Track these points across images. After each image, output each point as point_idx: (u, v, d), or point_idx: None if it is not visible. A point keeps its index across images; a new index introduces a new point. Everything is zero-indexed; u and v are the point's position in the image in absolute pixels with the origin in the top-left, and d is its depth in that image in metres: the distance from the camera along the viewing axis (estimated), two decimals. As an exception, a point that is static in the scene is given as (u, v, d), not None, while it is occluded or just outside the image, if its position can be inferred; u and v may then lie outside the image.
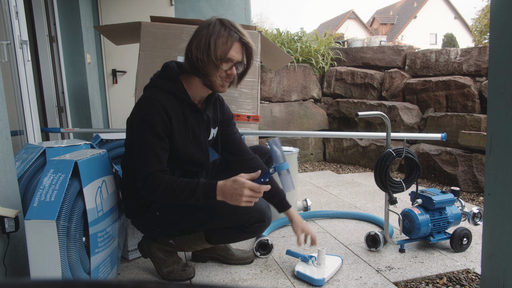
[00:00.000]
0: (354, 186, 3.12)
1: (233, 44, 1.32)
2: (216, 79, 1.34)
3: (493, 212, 1.14)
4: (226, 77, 1.36)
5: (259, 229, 1.43)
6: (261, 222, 1.41)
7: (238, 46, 1.34)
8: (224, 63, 1.33)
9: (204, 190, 1.26)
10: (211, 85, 1.37)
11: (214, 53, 1.29)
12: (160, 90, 1.36)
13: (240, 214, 1.38)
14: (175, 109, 1.36)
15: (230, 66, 1.35)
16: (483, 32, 17.31)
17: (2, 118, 1.26)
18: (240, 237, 1.47)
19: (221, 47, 1.30)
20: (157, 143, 1.31)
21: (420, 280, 1.54)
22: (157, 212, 1.43)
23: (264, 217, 1.41)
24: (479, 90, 3.31)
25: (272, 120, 4.15)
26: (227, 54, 1.31)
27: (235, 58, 1.34)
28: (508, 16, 1.06)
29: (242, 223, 1.40)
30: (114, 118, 4.01)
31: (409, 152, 1.74)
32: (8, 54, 2.02)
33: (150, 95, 1.34)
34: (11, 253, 1.26)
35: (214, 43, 1.29)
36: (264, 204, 1.43)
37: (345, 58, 4.53)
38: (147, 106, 1.32)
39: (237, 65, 1.37)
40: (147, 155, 1.31)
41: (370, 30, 26.90)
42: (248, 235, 1.46)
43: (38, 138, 2.23)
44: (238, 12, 4.25)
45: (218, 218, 1.40)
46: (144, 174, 1.29)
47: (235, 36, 1.32)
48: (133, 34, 2.32)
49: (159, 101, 1.32)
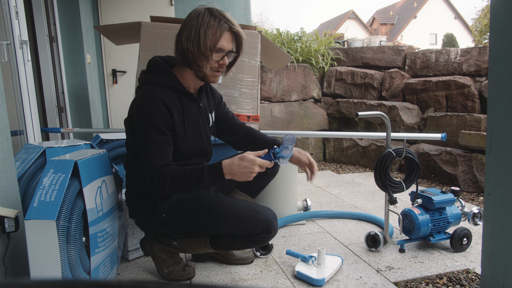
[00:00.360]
0: (354, 186, 3.12)
1: (223, 34, 1.32)
2: (207, 69, 1.35)
3: (493, 212, 1.14)
4: (218, 67, 1.36)
5: (264, 239, 1.41)
6: (267, 232, 1.38)
7: (228, 35, 1.34)
8: (214, 54, 1.33)
9: (211, 173, 1.26)
10: (203, 76, 1.38)
11: (204, 44, 1.29)
12: (156, 85, 1.35)
13: (246, 223, 1.36)
14: (174, 101, 1.36)
15: (222, 56, 1.35)
16: (483, 32, 17.31)
17: (2, 118, 1.26)
18: (244, 245, 1.43)
19: (211, 38, 1.30)
20: (160, 139, 1.30)
21: (420, 280, 1.54)
22: (164, 214, 1.42)
23: (270, 227, 1.38)
24: (479, 90, 3.31)
25: (272, 120, 4.15)
26: (217, 44, 1.32)
27: (226, 48, 1.34)
28: (508, 16, 1.06)
29: (248, 233, 1.37)
30: (114, 118, 4.01)
31: (409, 152, 1.74)
32: (8, 54, 2.02)
33: (146, 91, 1.33)
34: (11, 253, 1.26)
35: (204, 34, 1.29)
36: (271, 215, 1.40)
37: (345, 58, 4.53)
38: (146, 102, 1.31)
39: (228, 55, 1.37)
40: (151, 153, 1.29)
41: (370, 30, 26.90)
42: (253, 245, 1.43)
43: (38, 138, 2.23)
44: (238, 12, 4.25)
45: (224, 226, 1.38)
46: (150, 171, 1.29)
47: (225, 26, 1.32)
48: (133, 34, 2.32)
49: (158, 96, 1.31)
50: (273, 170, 1.61)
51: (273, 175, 1.69)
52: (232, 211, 1.37)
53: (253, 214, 1.37)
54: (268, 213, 1.40)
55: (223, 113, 1.63)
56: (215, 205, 1.40)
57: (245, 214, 1.36)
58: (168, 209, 1.42)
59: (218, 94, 1.65)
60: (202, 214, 1.39)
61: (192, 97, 1.43)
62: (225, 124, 1.63)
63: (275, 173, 1.69)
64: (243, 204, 1.42)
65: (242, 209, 1.38)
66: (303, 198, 2.42)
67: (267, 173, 1.60)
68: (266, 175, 1.62)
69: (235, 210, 1.37)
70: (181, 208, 1.42)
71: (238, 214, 1.36)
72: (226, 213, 1.37)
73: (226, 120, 1.63)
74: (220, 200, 1.43)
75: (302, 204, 2.33)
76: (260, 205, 1.44)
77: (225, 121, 1.63)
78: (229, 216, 1.36)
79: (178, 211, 1.42)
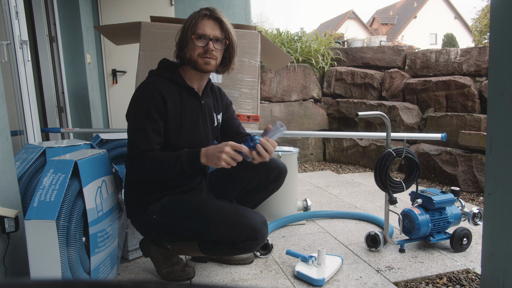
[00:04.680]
0: (354, 186, 3.12)
1: (200, 19, 1.38)
2: (196, 57, 1.39)
3: (493, 212, 1.14)
4: (205, 52, 1.39)
5: (251, 246, 1.33)
6: (253, 240, 1.31)
7: (209, 22, 1.39)
8: (197, 40, 1.38)
9: (188, 156, 1.28)
10: (195, 65, 1.41)
11: (187, 31, 1.38)
12: (158, 77, 1.42)
13: (231, 229, 1.29)
14: (172, 93, 1.39)
15: (206, 42, 1.38)
16: (483, 32, 17.31)
17: (2, 118, 1.26)
18: (231, 252, 1.37)
19: (191, 26, 1.38)
20: (149, 124, 1.32)
21: (420, 280, 1.54)
22: (154, 215, 1.40)
23: (257, 235, 1.30)
24: (479, 90, 3.31)
25: (272, 120, 4.15)
26: (197, 30, 1.37)
27: (209, 33, 1.38)
28: (508, 16, 1.06)
29: (233, 239, 1.31)
30: (114, 118, 4.00)
31: (409, 152, 1.74)
32: (8, 54, 2.02)
33: (146, 80, 1.42)
34: (11, 253, 1.26)
35: (188, 25, 1.39)
36: (259, 221, 1.31)
37: (345, 58, 4.53)
38: (142, 90, 1.37)
39: (214, 41, 1.40)
40: (137, 135, 1.32)
41: (370, 30, 26.90)
42: (239, 252, 1.37)
43: (38, 138, 2.22)
44: (238, 12, 4.25)
45: (208, 231, 1.33)
46: (133, 154, 1.30)
47: (203, 13, 1.39)
48: (133, 34, 2.32)
49: (154, 85, 1.36)
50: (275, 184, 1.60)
51: (275, 189, 1.64)
52: (216, 216, 1.31)
53: (238, 219, 1.29)
54: (255, 218, 1.31)
55: (229, 119, 1.64)
56: (200, 208, 1.35)
57: (229, 219, 1.30)
58: (159, 210, 1.40)
59: (228, 100, 1.67)
60: (187, 217, 1.36)
61: (193, 92, 1.45)
62: (228, 130, 1.63)
63: (277, 187, 1.63)
64: (229, 207, 1.35)
65: (227, 214, 1.31)
66: (303, 198, 2.42)
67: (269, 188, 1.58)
68: (267, 189, 1.60)
69: (219, 214, 1.31)
70: (170, 211, 1.39)
71: (223, 218, 1.30)
72: (211, 217, 1.31)
73: (229, 127, 1.63)
74: (207, 203, 1.38)
75: (302, 204, 2.33)
76: (249, 209, 1.37)
77: (228, 127, 1.63)
78: (213, 221, 1.31)
79: (167, 213, 1.39)
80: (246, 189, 1.59)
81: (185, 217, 1.37)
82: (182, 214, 1.37)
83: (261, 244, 1.36)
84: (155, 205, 1.42)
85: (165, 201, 1.42)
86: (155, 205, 1.42)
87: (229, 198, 1.63)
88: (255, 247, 1.36)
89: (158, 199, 1.42)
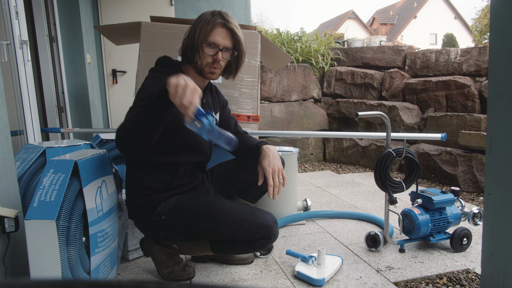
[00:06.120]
0: (354, 186, 3.12)
1: (214, 27, 1.34)
2: (203, 65, 1.37)
3: (493, 212, 1.14)
4: (213, 62, 1.37)
5: (264, 245, 1.40)
6: (267, 238, 1.37)
7: (222, 31, 1.36)
8: (207, 47, 1.35)
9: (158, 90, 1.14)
10: (200, 72, 1.40)
11: (197, 38, 1.34)
12: (162, 73, 1.40)
13: (246, 228, 1.35)
14: None
15: (216, 52, 1.36)
16: (483, 32, 17.31)
17: (2, 118, 1.26)
18: (244, 250, 1.43)
19: (203, 31, 1.34)
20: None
21: (420, 280, 1.54)
22: (163, 216, 1.41)
23: (270, 233, 1.37)
24: (479, 90, 3.31)
25: (272, 120, 4.15)
26: (209, 38, 1.34)
27: (220, 43, 1.36)
28: (508, 16, 1.06)
29: (247, 238, 1.36)
30: (114, 118, 4.01)
31: (409, 152, 1.74)
32: (8, 54, 2.02)
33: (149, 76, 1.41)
34: (11, 253, 1.26)
35: (199, 29, 1.35)
36: (271, 220, 1.38)
37: (345, 58, 4.53)
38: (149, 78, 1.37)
39: (224, 51, 1.38)
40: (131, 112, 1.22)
41: (370, 30, 26.90)
42: (253, 250, 1.43)
43: (38, 138, 2.22)
44: (238, 12, 4.25)
45: (223, 231, 1.37)
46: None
47: (218, 21, 1.35)
48: (133, 34, 2.32)
49: (160, 78, 1.35)
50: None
51: None
52: (231, 216, 1.35)
53: (252, 219, 1.35)
54: (268, 218, 1.38)
55: (226, 118, 1.65)
56: (214, 209, 1.38)
57: (244, 219, 1.35)
58: (168, 211, 1.41)
59: (224, 99, 1.68)
60: (201, 218, 1.38)
61: None
62: (225, 129, 1.62)
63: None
64: (242, 208, 1.40)
65: (241, 214, 1.36)
66: (303, 198, 2.42)
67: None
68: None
69: (234, 215, 1.36)
70: (181, 211, 1.40)
71: (238, 219, 1.35)
72: (225, 218, 1.35)
73: (226, 126, 1.64)
74: (220, 204, 1.41)
75: (302, 204, 2.33)
76: (260, 209, 1.43)
77: (225, 126, 1.64)
78: (228, 221, 1.35)
79: (178, 214, 1.40)
80: (246, 183, 1.61)
81: (198, 218, 1.38)
82: (195, 215, 1.38)
83: (273, 242, 1.43)
84: (163, 206, 1.42)
85: (174, 202, 1.43)
86: (163, 205, 1.42)
87: (230, 193, 1.65)
88: (268, 245, 1.42)
89: (166, 199, 1.43)
